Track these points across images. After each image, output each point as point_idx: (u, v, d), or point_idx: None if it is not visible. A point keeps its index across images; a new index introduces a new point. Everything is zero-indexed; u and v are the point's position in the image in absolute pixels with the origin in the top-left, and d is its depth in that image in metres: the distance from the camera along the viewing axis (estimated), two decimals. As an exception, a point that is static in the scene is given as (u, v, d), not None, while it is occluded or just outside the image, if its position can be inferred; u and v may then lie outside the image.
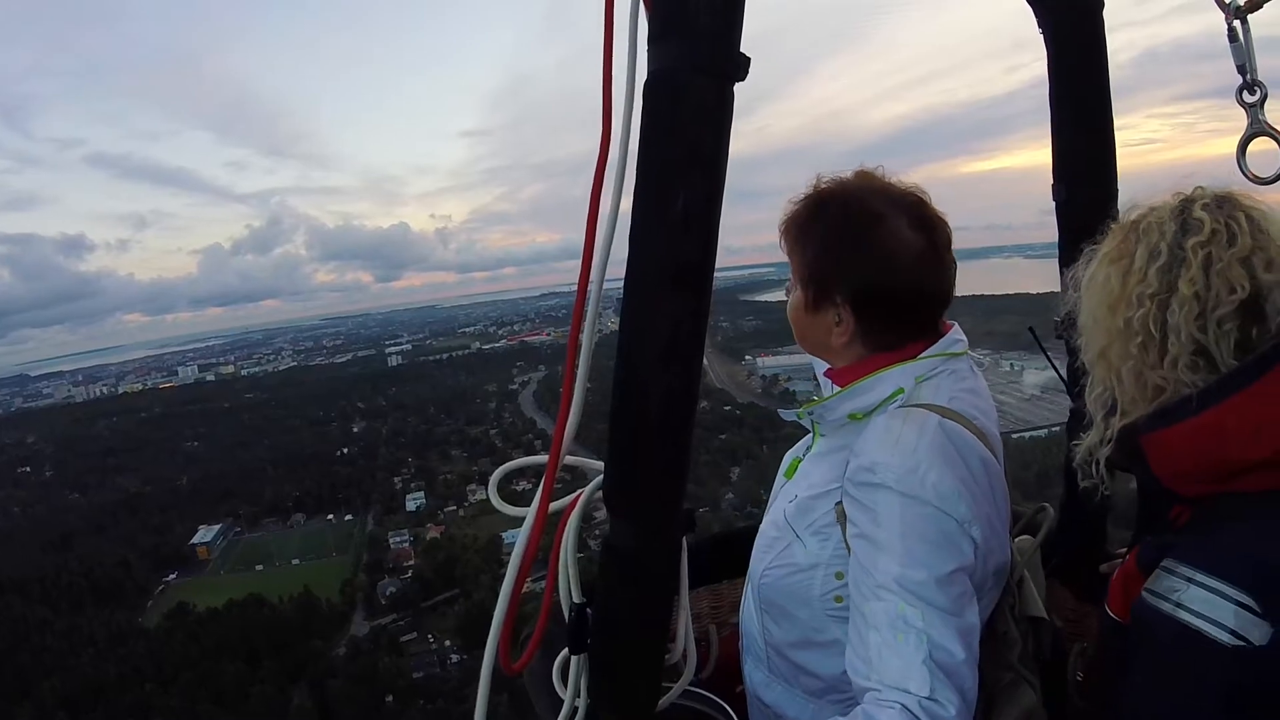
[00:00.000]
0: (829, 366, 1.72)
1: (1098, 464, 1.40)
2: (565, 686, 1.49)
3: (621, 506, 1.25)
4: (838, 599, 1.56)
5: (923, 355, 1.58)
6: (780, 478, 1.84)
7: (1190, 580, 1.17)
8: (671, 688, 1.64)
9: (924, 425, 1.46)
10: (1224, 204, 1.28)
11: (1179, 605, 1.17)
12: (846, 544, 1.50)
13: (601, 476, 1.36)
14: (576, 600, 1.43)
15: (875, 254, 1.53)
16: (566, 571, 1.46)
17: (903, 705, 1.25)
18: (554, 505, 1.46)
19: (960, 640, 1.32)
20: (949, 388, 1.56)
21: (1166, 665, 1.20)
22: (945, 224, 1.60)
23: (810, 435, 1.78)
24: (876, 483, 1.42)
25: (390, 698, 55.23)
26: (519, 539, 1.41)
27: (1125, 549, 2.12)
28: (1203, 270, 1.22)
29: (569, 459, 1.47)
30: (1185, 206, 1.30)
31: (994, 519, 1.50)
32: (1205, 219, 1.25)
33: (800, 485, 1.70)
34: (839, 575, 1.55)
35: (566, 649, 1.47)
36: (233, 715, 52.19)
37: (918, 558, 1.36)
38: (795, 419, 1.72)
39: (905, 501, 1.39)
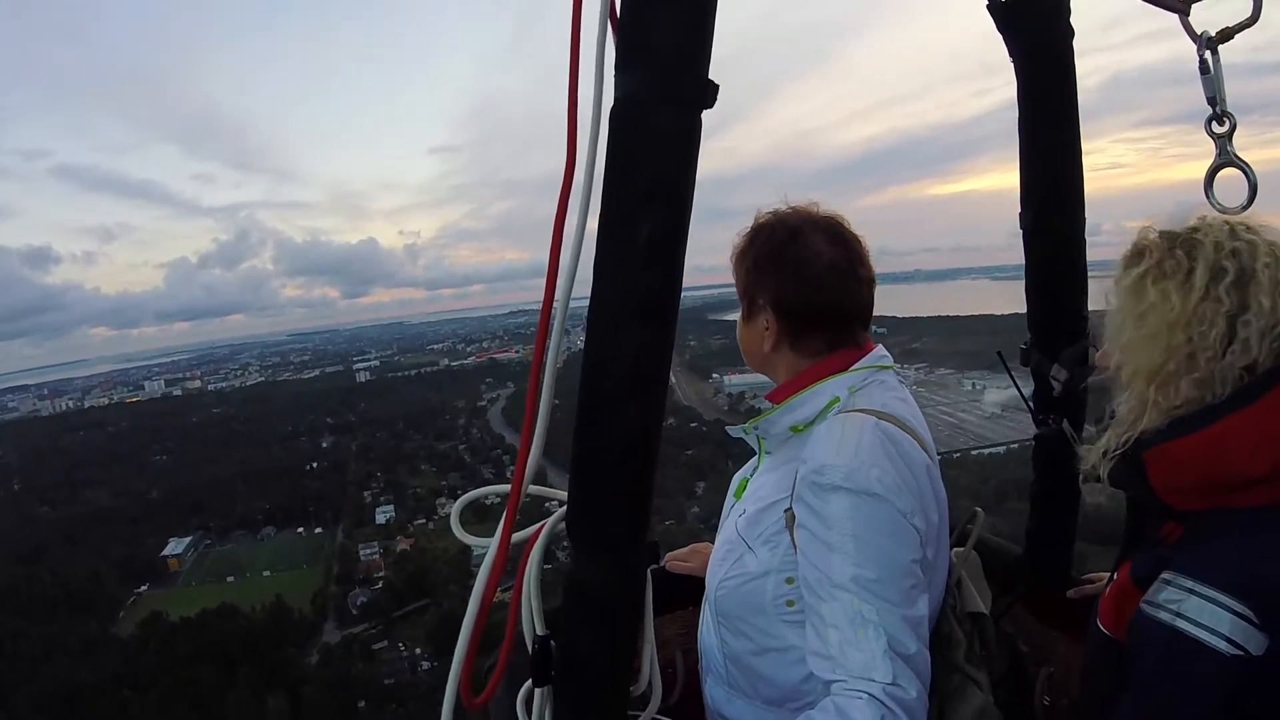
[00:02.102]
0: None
1: (1100, 477, 1.43)
2: (530, 719, 1.46)
3: (585, 539, 1.22)
4: (789, 603, 1.63)
5: (854, 367, 1.71)
6: (730, 498, 1.92)
7: (1191, 591, 1.20)
8: (638, 717, 1.62)
9: (863, 426, 1.56)
10: (1259, 229, 1.33)
11: (1178, 615, 1.20)
12: (795, 546, 1.57)
13: (564, 509, 1.34)
14: (540, 633, 1.40)
15: (791, 263, 1.69)
16: (529, 604, 1.44)
17: (869, 695, 1.31)
18: (517, 536, 1.44)
19: (913, 631, 1.40)
20: (880, 395, 1.67)
21: (1166, 675, 1.22)
22: (859, 242, 1.74)
23: (756, 456, 1.88)
24: (826, 484, 1.49)
25: (363, 703, 55.21)
26: (480, 575, 1.37)
27: (1101, 571, 2.14)
28: (1270, 291, 1.26)
29: (533, 489, 1.45)
30: (1234, 228, 1.33)
31: (932, 514, 1.57)
32: (1258, 240, 1.30)
33: (749, 500, 1.77)
34: (789, 580, 1.62)
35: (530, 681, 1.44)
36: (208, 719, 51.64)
37: (869, 555, 1.43)
38: (742, 434, 1.82)
39: (854, 499, 1.46)
